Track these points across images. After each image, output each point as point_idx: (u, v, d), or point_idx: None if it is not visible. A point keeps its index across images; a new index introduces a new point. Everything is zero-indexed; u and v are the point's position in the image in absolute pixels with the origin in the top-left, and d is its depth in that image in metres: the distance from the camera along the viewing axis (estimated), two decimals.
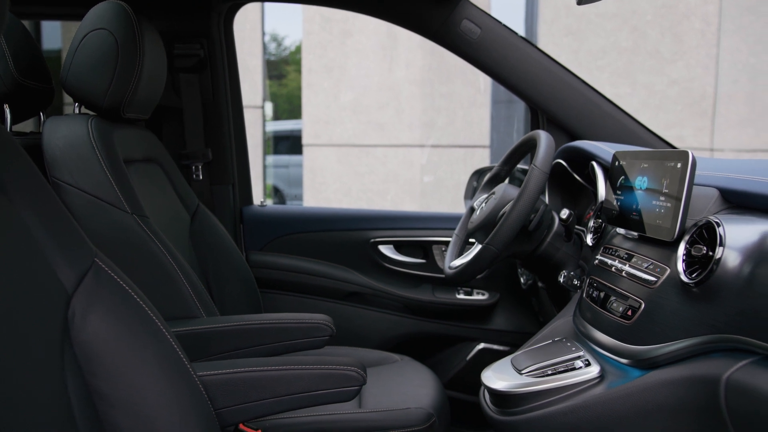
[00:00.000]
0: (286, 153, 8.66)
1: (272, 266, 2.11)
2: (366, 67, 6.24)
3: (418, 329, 2.11)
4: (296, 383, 1.09)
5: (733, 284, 0.85)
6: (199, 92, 2.01)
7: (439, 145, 6.25)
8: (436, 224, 2.12)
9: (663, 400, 0.95)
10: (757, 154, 5.86)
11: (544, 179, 1.35)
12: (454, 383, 2.07)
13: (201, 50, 1.97)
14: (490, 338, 2.07)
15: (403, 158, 6.31)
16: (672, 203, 1.00)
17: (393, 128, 6.27)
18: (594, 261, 1.24)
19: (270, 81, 11.09)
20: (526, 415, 1.09)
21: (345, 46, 6.24)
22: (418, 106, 6.22)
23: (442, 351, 2.14)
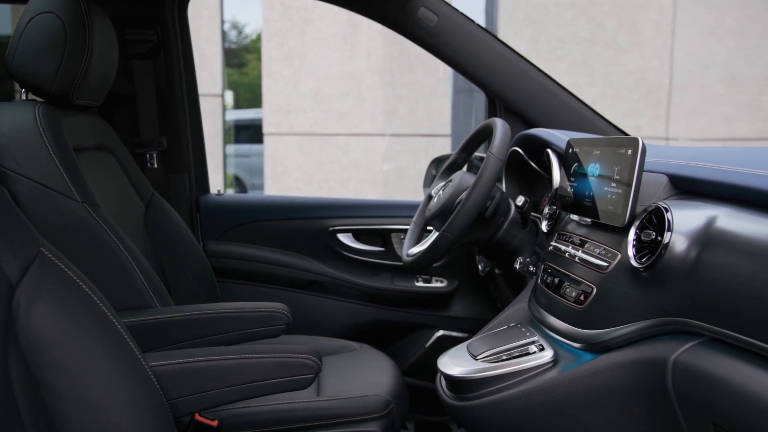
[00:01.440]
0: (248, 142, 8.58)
1: (229, 255, 2.09)
2: (327, 55, 6.20)
3: (377, 317, 2.11)
4: (251, 372, 1.08)
5: (680, 268, 0.87)
6: (153, 79, 1.97)
7: (401, 134, 6.26)
8: (394, 212, 2.12)
9: (613, 382, 0.96)
10: (709, 144, 6.00)
11: (499, 166, 1.36)
12: (414, 370, 2.08)
13: (154, 36, 1.93)
14: (448, 325, 2.09)
15: (364, 147, 6.30)
16: (623, 189, 1.01)
17: (354, 117, 6.26)
18: (548, 247, 1.25)
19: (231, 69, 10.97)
20: (481, 400, 1.10)
21: (305, 35, 6.19)
22: (380, 95, 6.22)
23: (401, 338, 2.15)
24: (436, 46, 1.80)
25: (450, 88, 6.35)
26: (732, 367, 0.77)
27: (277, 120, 6.32)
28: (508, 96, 1.81)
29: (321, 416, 1.39)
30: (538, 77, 1.81)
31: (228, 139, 8.44)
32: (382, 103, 6.22)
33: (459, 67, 1.81)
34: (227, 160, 7.88)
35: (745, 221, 0.83)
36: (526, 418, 1.06)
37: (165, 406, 0.97)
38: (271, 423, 1.37)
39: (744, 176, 0.89)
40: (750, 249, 0.78)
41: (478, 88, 1.86)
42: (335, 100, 6.24)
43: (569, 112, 1.80)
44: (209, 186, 2.21)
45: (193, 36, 2.10)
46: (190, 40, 2.07)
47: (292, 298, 2.08)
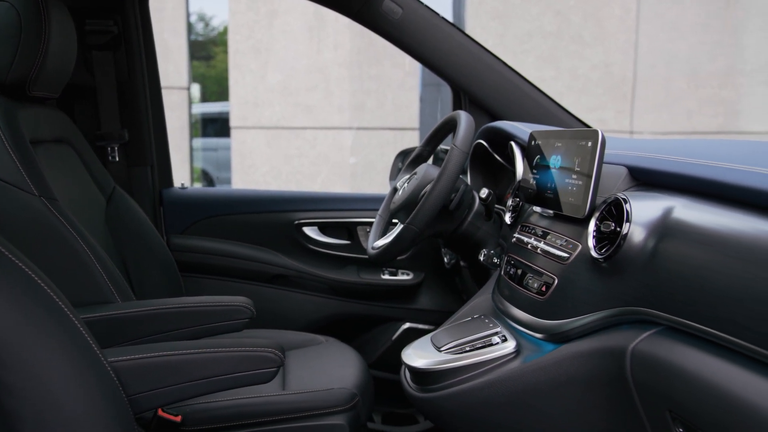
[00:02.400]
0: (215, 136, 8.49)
1: (194, 249, 2.07)
2: (294, 48, 6.16)
3: (343, 310, 2.11)
4: (213, 366, 1.07)
5: (638, 258, 0.88)
6: (113, 71, 1.94)
7: (369, 127, 6.25)
8: (360, 205, 2.12)
9: (574, 372, 0.97)
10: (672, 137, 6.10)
11: (463, 159, 1.36)
12: (380, 363, 2.08)
13: (114, 27, 1.89)
14: (415, 318, 2.09)
15: (332, 141, 6.28)
16: (583, 181, 1.02)
17: (322, 111, 6.23)
18: (512, 239, 1.26)
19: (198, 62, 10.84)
20: (445, 391, 1.11)
21: (272, 27, 6.14)
22: (347, 88, 6.19)
23: (368, 331, 2.15)
24: (401, 39, 1.80)
25: (418, 82, 6.36)
26: (687, 355, 0.78)
27: (244, 113, 6.26)
28: (472, 89, 1.81)
29: (286, 410, 1.38)
30: (503, 70, 1.82)
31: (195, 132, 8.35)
32: (350, 97, 6.20)
33: (424, 59, 1.82)
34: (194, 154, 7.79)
35: (700, 212, 0.84)
36: (489, 408, 1.07)
37: (125, 402, 0.95)
38: (236, 417, 1.36)
39: (700, 168, 0.90)
40: (704, 239, 0.80)
41: (443, 80, 1.86)
42: (303, 94, 6.20)
43: (533, 105, 1.81)
44: (173, 179, 2.19)
45: (157, 28, 2.06)
46: (152, 31, 2.03)
47: (258, 292, 2.07)
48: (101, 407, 0.88)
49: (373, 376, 1.70)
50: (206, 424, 1.34)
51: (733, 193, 0.82)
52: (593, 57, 6.17)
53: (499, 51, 1.84)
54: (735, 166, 0.86)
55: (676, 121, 6.20)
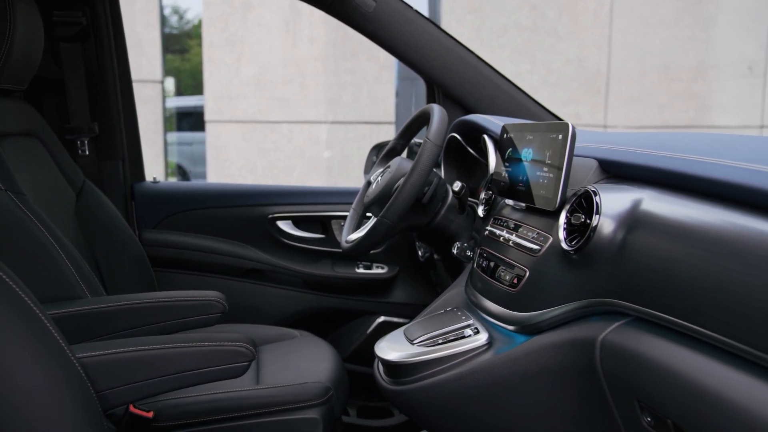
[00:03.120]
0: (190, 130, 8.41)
1: (166, 244, 2.05)
2: (269, 41, 6.12)
3: (318, 304, 2.11)
4: (183, 361, 1.06)
5: (608, 250, 0.89)
6: (83, 63, 1.91)
7: (345, 121, 6.23)
8: (334, 199, 2.11)
9: (545, 363, 0.98)
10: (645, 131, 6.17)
11: (436, 152, 1.36)
12: (355, 357, 2.08)
13: (83, 18, 1.86)
14: (389, 311, 2.10)
15: (308, 135, 6.25)
16: (554, 173, 1.03)
17: (298, 104, 6.20)
18: (484, 232, 1.26)
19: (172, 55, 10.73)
20: (417, 383, 1.11)
21: (247, 20, 6.09)
22: (323, 82, 6.17)
23: (342, 325, 2.15)
24: (374, 32, 1.79)
25: (394, 75, 6.35)
26: (655, 345, 0.79)
27: (219, 107, 6.21)
28: (446, 82, 1.81)
29: (260, 404, 1.37)
30: (476, 64, 1.82)
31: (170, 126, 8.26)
32: (325, 90, 6.18)
33: (398, 53, 1.81)
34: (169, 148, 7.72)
35: (668, 204, 0.85)
36: (461, 400, 1.08)
37: (93, 398, 0.94)
38: (209, 413, 1.35)
39: (668, 160, 0.91)
40: (672, 230, 0.80)
41: (417, 74, 1.86)
42: (278, 87, 6.17)
43: (507, 99, 1.82)
44: (144, 173, 2.16)
45: (129, 21, 2.04)
46: (122, 23, 2.00)
47: (232, 287, 2.06)
48: (68, 403, 0.87)
49: (347, 369, 1.70)
50: (179, 420, 1.33)
51: (700, 185, 0.83)
52: (568, 51, 6.21)
53: (474, 45, 1.84)
54: (702, 159, 0.87)
55: (649, 115, 6.27)
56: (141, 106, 2.10)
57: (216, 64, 6.16)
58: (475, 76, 1.81)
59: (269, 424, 1.37)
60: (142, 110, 2.10)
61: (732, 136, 1.11)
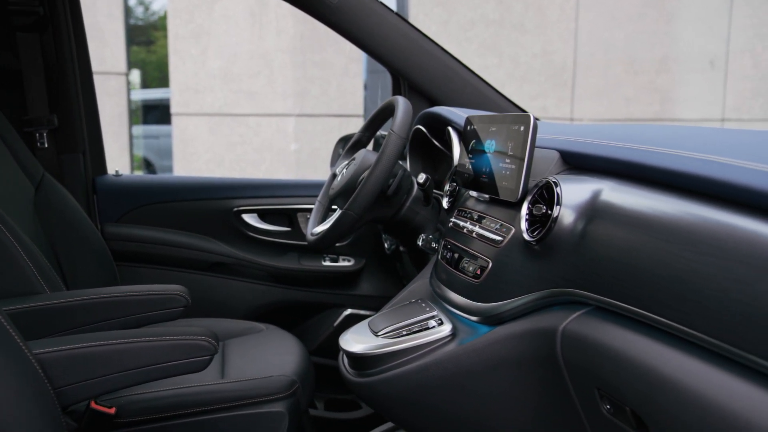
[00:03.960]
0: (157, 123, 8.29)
1: (130, 238, 2.02)
2: (235, 34, 6.05)
3: (284, 298, 2.09)
4: (144, 355, 1.05)
5: (568, 240, 0.89)
6: (40, 54, 1.86)
7: (313, 114, 6.20)
8: (300, 192, 2.10)
9: (507, 353, 0.99)
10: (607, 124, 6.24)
11: (401, 144, 1.36)
12: (322, 350, 2.07)
13: (40, 7, 1.82)
14: (356, 304, 2.09)
15: (276, 128, 6.21)
16: (516, 165, 1.03)
17: (266, 97, 6.15)
18: (449, 224, 1.27)
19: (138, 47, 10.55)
20: (381, 375, 1.11)
21: (213, 12, 6.02)
22: (291, 74, 6.13)
23: (309, 318, 2.14)
24: (339, 24, 1.78)
25: (362, 68, 6.34)
26: (613, 334, 0.80)
27: (186, 100, 6.13)
28: (411, 74, 1.81)
29: (224, 398, 1.36)
30: (442, 56, 1.82)
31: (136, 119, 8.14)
32: (293, 83, 6.14)
33: (363, 45, 1.80)
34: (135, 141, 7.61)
35: (626, 194, 0.86)
36: (425, 391, 1.08)
37: (51, 395, 0.93)
38: (173, 407, 1.33)
39: (626, 151, 0.92)
40: (630, 220, 0.81)
41: (383, 66, 1.85)
42: (245, 80, 6.11)
43: (473, 91, 1.82)
44: (106, 167, 2.12)
45: (91, 11, 2.00)
46: (81, 12, 1.96)
47: (197, 281, 2.04)
48: (24, 400, 0.85)
49: (315, 362, 1.70)
50: (142, 415, 1.31)
51: (658, 175, 0.84)
52: (535, 45, 6.26)
53: (442, 38, 1.84)
54: (660, 150, 0.88)
55: (615, 108, 6.35)
56: (105, 98, 2.07)
57: (182, 57, 6.08)
58: (441, 68, 1.81)
59: (234, 418, 1.36)
60: (106, 103, 2.07)
61: (692, 128, 1.12)
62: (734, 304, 0.64)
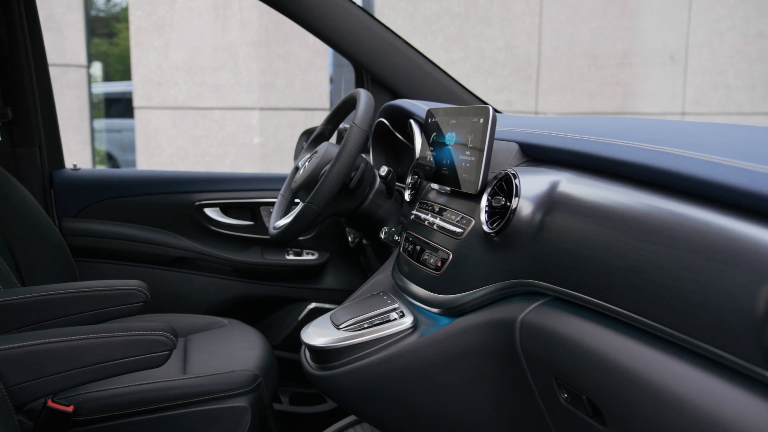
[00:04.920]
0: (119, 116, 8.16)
1: (89, 233, 1.98)
2: (198, 26, 5.97)
3: (248, 292, 2.08)
4: (100, 352, 1.03)
5: (526, 231, 0.90)
6: None
7: (278, 107, 6.16)
8: (263, 185, 2.09)
9: (468, 344, 0.99)
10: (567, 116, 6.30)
11: (363, 137, 1.36)
12: (286, 344, 2.07)
13: None
14: (320, 297, 2.09)
15: (241, 121, 6.15)
16: (476, 157, 1.04)
17: (230, 90, 6.09)
18: (411, 216, 1.27)
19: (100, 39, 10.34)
20: (343, 368, 1.11)
21: (175, 3, 5.93)
22: (256, 67, 6.07)
23: (273, 313, 2.13)
24: (301, 17, 1.77)
25: (328, 62, 6.30)
26: (571, 324, 0.81)
27: (148, 93, 6.04)
28: (374, 67, 1.81)
29: (186, 394, 1.35)
30: (405, 49, 1.82)
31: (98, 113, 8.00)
32: (258, 76, 6.08)
33: (325, 38, 1.79)
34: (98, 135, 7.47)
35: (583, 185, 0.87)
36: (387, 383, 1.08)
37: (3, 393, 0.90)
38: (133, 404, 1.32)
39: (583, 143, 0.93)
40: (586, 211, 0.82)
41: (345, 58, 1.84)
42: (209, 73, 6.04)
43: (436, 85, 1.83)
44: (64, 160, 2.08)
45: (50, 2, 1.95)
46: (35, 3, 1.91)
47: (158, 276, 2.01)
48: None
49: (279, 357, 1.69)
50: (101, 413, 1.29)
51: (613, 166, 0.85)
52: (499, 39, 6.29)
53: (408, 31, 1.84)
54: (615, 141, 0.89)
55: (579, 102, 6.42)
56: (65, 91, 2.02)
57: (144, 49, 5.98)
58: (404, 61, 1.81)
59: (196, 414, 1.35)
60: (66, 96, 2.02)
61: (649, 121, 1.14)
62: (686, 293, 0.65)
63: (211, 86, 6.05)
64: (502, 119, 1.26)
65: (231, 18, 5.95)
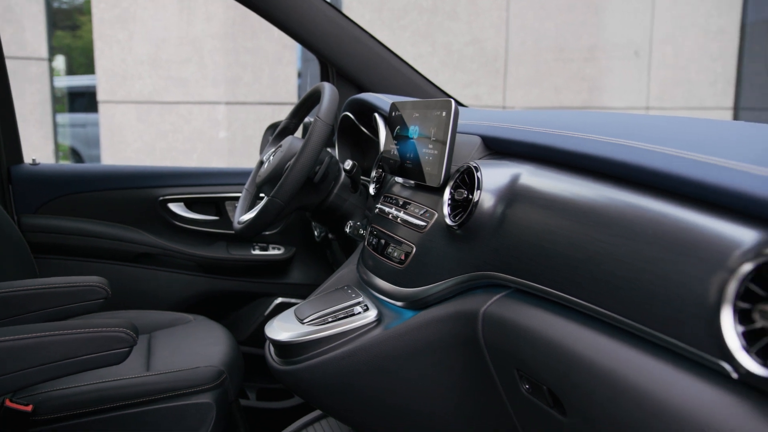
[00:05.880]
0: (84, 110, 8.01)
1: (49, 230, 1.94)
2: (163, 19, 5.89)
3: (213, 288, 2.06)
4: (58, 349, 1.01)
5: (488, 224, 0.91)
6: None
7: (246, 102, 6.10)
8: (229, 180, 2.07)
9: (431, 336, 1.00)
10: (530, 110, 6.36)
11: (327, 130, 1.35)
12: (253, 339, 2.05)
13: None
14: (287, 292, 2.08)
15: (208, 116, 6.09)
16: (439, 150, 1.04)
17: (196, 84, 6.01)
18: (375, 210, 1.27)
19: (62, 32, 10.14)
20: (307, 362, 1.10)
21: None
22: (222, 61, 6.01)
23: (240, 308, 2.11)
24: (266, 10, 1.76)
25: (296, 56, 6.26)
26: (531, 316, 0.82)
27: (112, 87, 5.94)
28: (339, 61, 1.80)
29: (149, 391, 1.33)
30: (371, 43, 1.81)
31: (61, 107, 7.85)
32: (225, 70, 6.02)
33: (290, 31, 1.78)
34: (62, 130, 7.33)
35: (544, 178, 0.88)
36: (351, 377, 1.08)
37: None
38: (95, 402, 1.30)
39: (544, 136, 0.94)
40: (547, 204, 0.83)
41: (310, 52, 1.83)
42: (175, 67, 5.95)
43: (401, 78, 1.82)
44: (23, 155, 2.03)
45: None
46: None
47: (122, 272, 1.98)
48: None
49: (246, 352, 1.68)
50: (62, 412, 1.27)
51: (573, 159, 0.85)
52: (467, 33, 6.31)
53: (376, 26, 1.84)
54: (576, 134, 0.89)
55: (546, 96, 6.48)
56: (26, 85, 1.98)
57: (107, 42, 5.88)
58: (369, 55, 1.80)
59: (160, 411, 1.33)
60: (27, 90, 1.98)
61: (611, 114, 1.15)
62: (642, 284, 0.65)
63: (177, 80, 5.98)
64: (466, 113, 1.26)
65: (196, 11, 5.88)
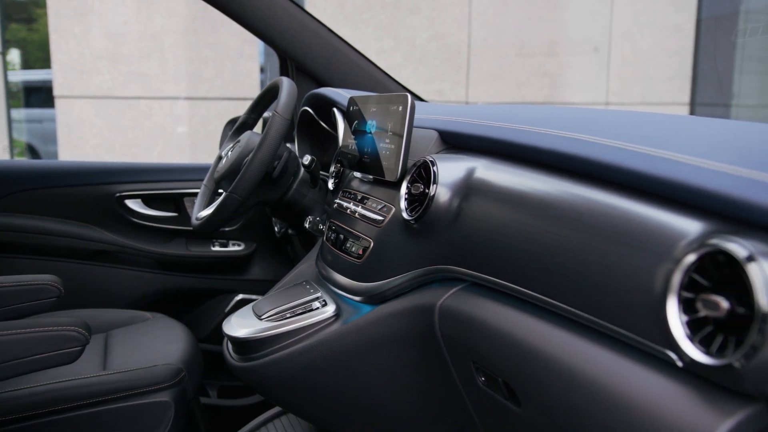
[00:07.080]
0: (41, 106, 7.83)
1: (2, 227, 1.89)
2: (122, 13, 5.78)
3: (172, 285, 2.03)
4: (6, 350, 0.99)
5: (444, 218, 0.91)
6: None
7: (207, 97, 6.03)
8: (187, 176, 2.04)
9: (389, 330, 1.00)
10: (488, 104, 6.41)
11: (285, 125, 1.34)
12: (214, 336, 2.03)
13: None
14: (248, 288, 2.06)
15: (169, 111, 6.00)
16: (396, 145, 1.04)
17: (157, 80, 5.92)
18: (333, 205, 1.26)
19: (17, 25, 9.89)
20: (265, 359, 1.10)
21: None
22: (183, 56, 5.93)
23: (200, 305, 2.09)
24: (224, 5, 1.74)
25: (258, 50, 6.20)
26: (487, 308, 0.82)
27: (69, 81, 5.82)
28: (299, 56, 1.79)
29: (105, 391, 1.31)
30: (330, 38, 1.80)
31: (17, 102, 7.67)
32: (186, 65, 5.94)
33: (247, 25, 1.77)
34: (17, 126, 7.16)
35: (499, 172, 0.88)
36: (310, 372, 1.08)
37: None
38: (49, 403, 1.27)
39: (499, 130, 0.94)
40: (501, 197, 0.83)
41: (269, 47, 1.82)
42: (135, 61, 5.85)
43: (360, 73, 1.82)
44: None
45: None
46: None
47: (78, 270, 1.94)
48: None
49: (207, 350, 1.66)
50: (15, 413, 1.24)
51: (526, 153, 0.86)
52: (430, 28, 6.32)
53: (338, 20, 1.83)
54: (530, 129, 0.90)
55: (508, 91, 6.53)
56: None
57: (63, 36, 5.75)
58: (329, 50, 1.79)
59: (117, 411, 1.31)
60: None
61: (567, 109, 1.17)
62: (592, 275, 0.66)
63: (137, 75, 5.88)
64: (424, 107, 1.27)
65: (156, 5, 5.79)
